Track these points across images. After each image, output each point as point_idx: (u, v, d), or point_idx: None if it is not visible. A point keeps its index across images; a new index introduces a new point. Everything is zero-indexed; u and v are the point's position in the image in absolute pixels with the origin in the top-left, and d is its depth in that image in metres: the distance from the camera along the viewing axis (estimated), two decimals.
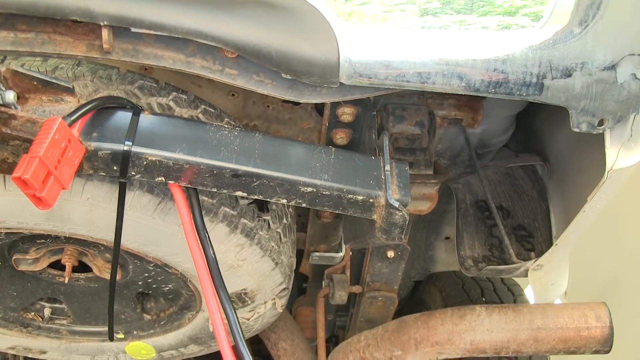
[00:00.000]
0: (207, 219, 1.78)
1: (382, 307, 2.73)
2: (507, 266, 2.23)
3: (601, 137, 1.71)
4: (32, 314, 2.43)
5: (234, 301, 2.13)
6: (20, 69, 1.50)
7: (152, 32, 1.47)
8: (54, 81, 1.53)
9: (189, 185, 1.60)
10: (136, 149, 1.51)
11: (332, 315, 3.34)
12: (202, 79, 2.12)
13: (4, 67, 1.48)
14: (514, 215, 2.45)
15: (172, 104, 1.83)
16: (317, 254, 2.70)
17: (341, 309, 3.32)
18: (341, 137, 2.05)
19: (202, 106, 1.89)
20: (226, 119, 1.95)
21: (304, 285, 3.25)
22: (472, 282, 3.23)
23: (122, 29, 1.49)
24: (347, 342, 2.56)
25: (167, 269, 2.04)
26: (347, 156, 1.72)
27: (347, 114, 1.97)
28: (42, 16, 1.46)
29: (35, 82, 1.51)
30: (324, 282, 2.80)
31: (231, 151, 1.58)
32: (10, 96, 1.45)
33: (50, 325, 2.46)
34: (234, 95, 2.20)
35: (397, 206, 1.62)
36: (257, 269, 2.03)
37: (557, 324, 2.16)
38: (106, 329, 2.25)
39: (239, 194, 1.62)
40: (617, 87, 1.59)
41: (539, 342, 2.16)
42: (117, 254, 1.77)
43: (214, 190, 1.61)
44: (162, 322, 2.43)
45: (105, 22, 1.44)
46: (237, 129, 1.64)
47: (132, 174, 1.54)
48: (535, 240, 2.36)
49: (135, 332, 2.47)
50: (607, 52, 1.56)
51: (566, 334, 2.15)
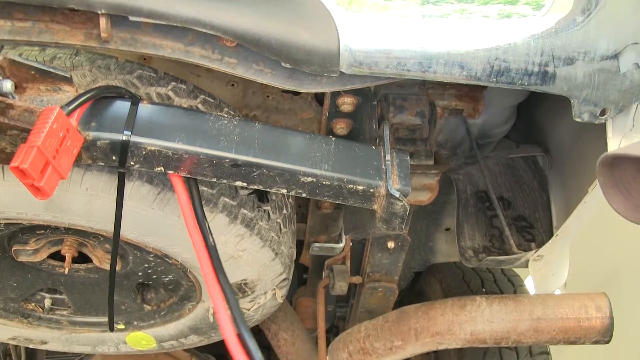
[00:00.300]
0: (206, 209, 1.77)
1: (382, 298, 2.73)
2: (507, 257, 2.23)
3: (603, 127, 1.70)
4: (33, 304, 2.43)
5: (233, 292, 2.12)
6: (17, 58, 1.49)
7: (150, 20, 1.46)
8: (51, 70, 1.52)
9: (188, 175, 1.59)
10: (135, 139, 1.50)
11: (332, 305, 3.35)
12: (201, 69, 2.11)
13: (1, 56, 1.47)
14: (515, 206, 2.44)
15: (171, 93, 1.82)
16: (317, 244, 2.70)
17: (341, 300, 3.32)
18: (341, 127, 2.04)
19: (202, 96, 1.88)
20: (226, 109, 1.94)
21: (304, 276, 3.24)
22: (473, 273, 3.23)
23: (120, 18, 1.47)
24: (347, 332, 2.56)
25: (166, 259, 2.04)
26: (348, 146, 1.71)
27: (347, 103, 1.95)
28: (39, 5, 1.45)
29: (32, 72, 1.51)
30: (324, 273, 2.80)
31: (231, 141, 1.57)
32: (7, 85, 1.44)
33: (50, 315, 2.46)
34: (233, 85, 2.19)
35: (397, 196, 1.61)
36: (257, 259, 2.02)
37: (558, 315, 2.16)
38: (106, 319, 2.25)
39: (239, 184, 1.62)
40: (620, 77, 1.58)
41: (539, 333, 2.16)
42: (116, 244, 1.77)
43: (214, 180, 1.60)
44: (163, 313, 2.43)
45: (103, 11, 1.43)
46: (236, 118, 1.63)
47: (131, 163, 1.53)
48: (535, 231, 2.36)
49: (135, 323, 2.47)
50: (609, 41, 1.55)
51: (566, 324, 2.16)
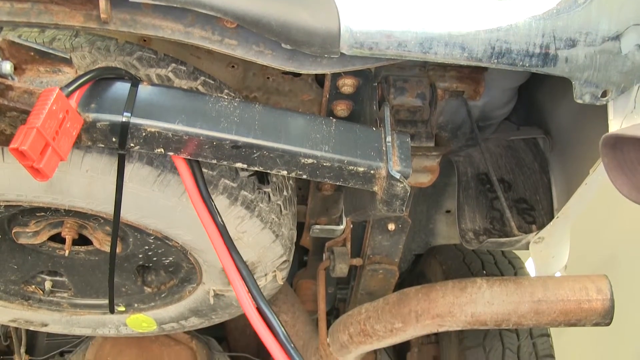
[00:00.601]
0: None
1: (382, 280, 2.73)
2: (508, 239, 2.23)
3: (604, 109, 1.69)
4: (33, 287, 2.43)
5: None
6: (17, 40, 1.48)
7: (150, 1, 1.45)
8: (51, 52, 1.51)
9: (188, 157, 1.58)
10: (135, 120, 1.49)
11: (333, 288, 3.36)
12: (201, 50, 2.10)
13: (1, 37, 1.46)
14: (516, 188, 2.44)
15: (171, 75, 1.81)
16: (317, 226, 2.70)
17: (342, 282, 3.33)
18: (342, 108, 2.03)
19: (202, 78, 1.87)
20: (226, 91, 1.93)
21: (304, 258, 3.25)
22: (473, 255, 3.24)
23: None
24: (347, 314, 2.57)
25: (167, 241, 2.04)
26: (348, 127, 1.70)
27: (347, 85, 1.95)
28: None
29: (32, 53, 1.50)
30: (324, 255, 2.80)
31: (231, 122, 1.56)
32: (7, 67, 1.43)
33: (51, 298, 2.47)
34: (233, 66, 2.18)
35: (398, 177, 1.61)
36: (258, 241, 2.02)
37: (558, 297, 2.16)
38: (107, 301, 2.25)
39: (239, 165, 1.61)
40: (622, 58, 1.58)
41: (539, 315, 2.17)
42: (116, 226, 1.76)
43: (214, 161, 1.60)
44: (163, 295, 2.44)
45: None
46: (236, 100, 1.62)
47: (131, 145, 1.53)
48: (536, 213, 2.36)
49: (136, 305, 2.48)
50: (611, 22, 1.55)
51: (567, 306, 2.16)
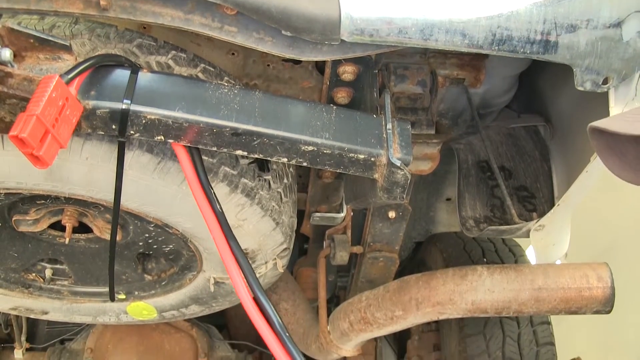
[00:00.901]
0: None
1: (383, 268, 2.74)
2: (508, 226, 2.23)
3: (605, 96, 1.69)
4: (34, 274, 2.44)
5: None
6: (16, 27, 1.48)
7: None
8: (51, 39, 1.51)
9: (188, 144, 1.58)
10: (135, 108, 1.49)
11: (333, 275, 3.36)
12: (201, 37, 2.09)
13: (0, 24, 1.46)
14: (516, 175, 2.44)
15: (171, 62, 1.80)
16: (318, 214, 2.70)
17: (342, 270, 3.34)
18: (342, 96, 2.03)
19: (202, 65, 1.86)
20: (226, 78, 1.93)
21: (305, 245, 3.26)
22: (474, 243, 3.24)
23: None
24: (348, 302, 2.57)
25: (167, 229, 2.04)
26: (349, 114, 1.70)
27: (348, 72, 1.94)
28: None
29: (32, 40, 1.49)
30: (325, 243, 2.80)
31: (231, 109, 1.56)
32: (6, 54, 1.43)
33: (51, 286, 2.47)
34: (233, 54, 2.17)
35: (398, 165, 1.60)
36: (258, 229, 2.02)
37: (559, 284, 2.16)
38: (107, 289, 2.26)
39: (239, 153, 1.61)
40: (623, 45, 1.57)
41: (540, 302, 2.17)
42: (117, 214, 1.76)
43: (214, 149, 1.60)
44: (163, 283, 2.44)
45: None
46: (237, 87, 1.62)
47: (131, 132, 1.52)
48: (537, 200, 2.36)
49: (136, 293, 2.48)
50: (612, 8, 1.54)
51: (568, 294, 2.16)
